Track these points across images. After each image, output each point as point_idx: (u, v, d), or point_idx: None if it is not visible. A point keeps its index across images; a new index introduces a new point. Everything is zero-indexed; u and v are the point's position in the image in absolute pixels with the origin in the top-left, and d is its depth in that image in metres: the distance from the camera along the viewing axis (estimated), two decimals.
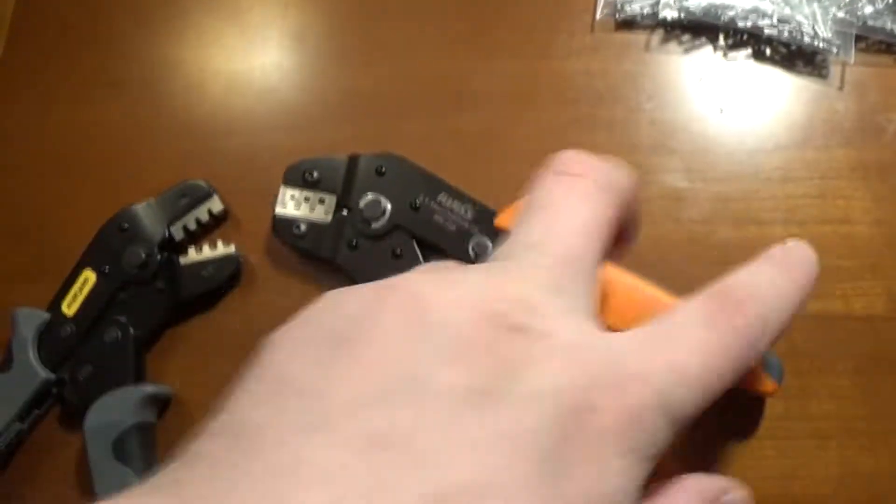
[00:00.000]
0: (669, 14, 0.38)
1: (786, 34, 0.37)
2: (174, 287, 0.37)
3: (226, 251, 0.38)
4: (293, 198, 0.37)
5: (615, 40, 0.39)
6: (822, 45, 0.37)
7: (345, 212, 0.36)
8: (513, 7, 0.41)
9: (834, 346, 0.34)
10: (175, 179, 0.39)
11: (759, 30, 0.38)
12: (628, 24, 0.39)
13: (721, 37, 0.39)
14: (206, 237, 0.39)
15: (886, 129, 0.37)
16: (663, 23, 0.39)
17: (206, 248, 0.38)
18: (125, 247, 0.38)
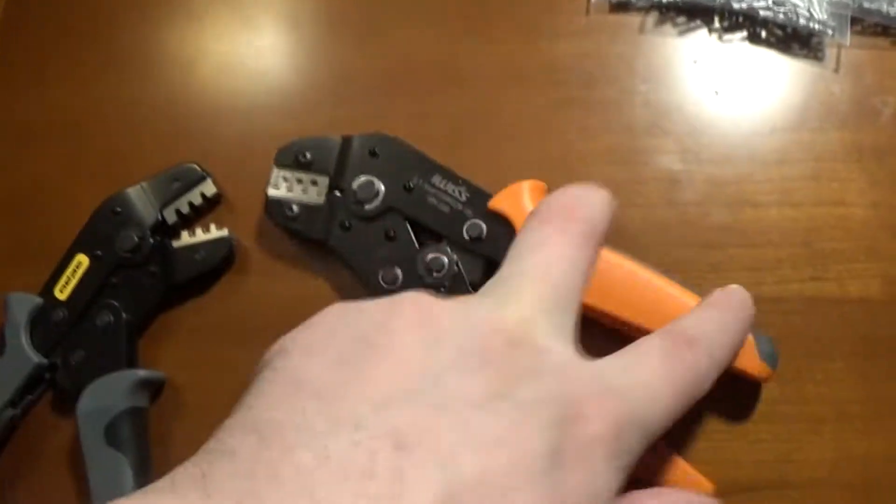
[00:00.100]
0: None
1: (781, 16, 0.37)
2: (167, 271, 0.37)
3: (219, 234, 0.37)
4: (285, 179, 0.36)
5: (610, 22, 0.39)
6: (817, 27, 0.37)
7: (338, 193, 0.36)
8: None
9: (829, 330, 0.34)
10: (169, 163, 0.39)
11: (755, 12, 0.37)
12: (623, 5, 0.39)
13: (716, 19, 0.38)
14: (199, 221, 0.39)
15: (882, 111, 0.37)
16: (658, 5, 0.39)
17: (198, 231, 0.38)
18: (118, 230, 0.37)
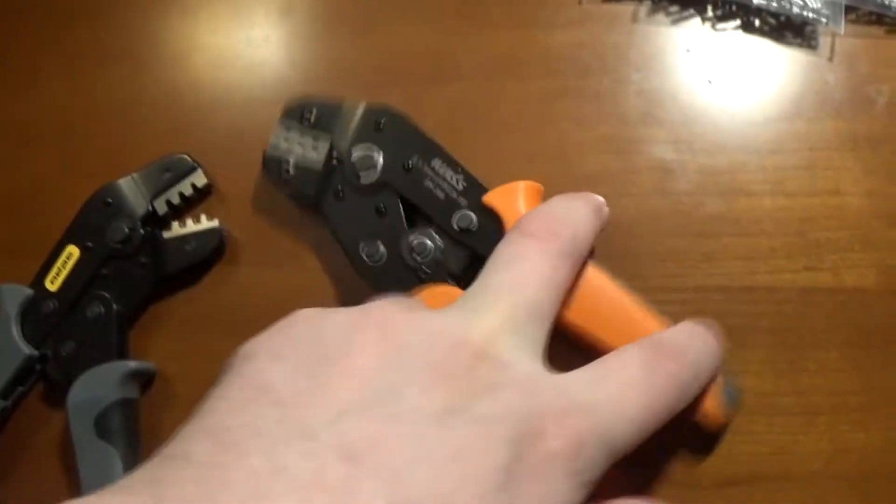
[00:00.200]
0: None
1: (775, 4, 0.37)
2: (157, 262, 0.37)
3: (209, 225, 0.37)
4: (286, 140, 0.36)
5: (603, 11, 0.39)
6: (811, 15, 0.37)
7: (336, 161, 0.35)
8: None
9: (824, 320, 0.34)
10: (160, 153, 0.38)
11: (748, 0, 0.37)
12: None
13: (709, 7, 0.38)
14: (190, 211, 0.39)
15: (877, 100, 0.36)
16: None
17: (189, 222, 0.38)
18: (108, 222, 0.37)
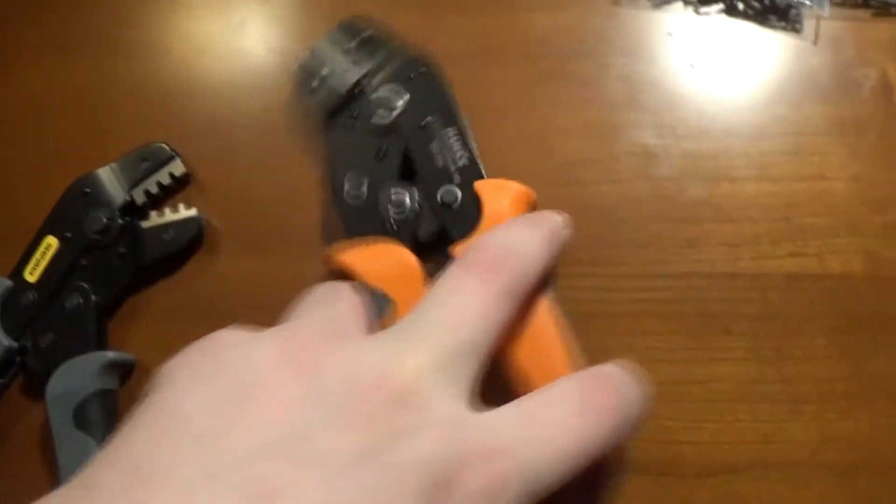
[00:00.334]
0: None
1: None
2: (136, 251, 0.37)
3: (187, 214, 0.37)
4: (329, 52, 0.36)
5: None
6: None
7: (359, 91, 0.35)
8: None
9: (809, 306, 0.34)
10: (138, 142, 0.38)
11: None
12: None
13: None
14: (168, 201, 0.38)
15: (862, 84, 0.36)
16: None
17: (167, 211, 0.37)
18: (87, 212, 0.37)
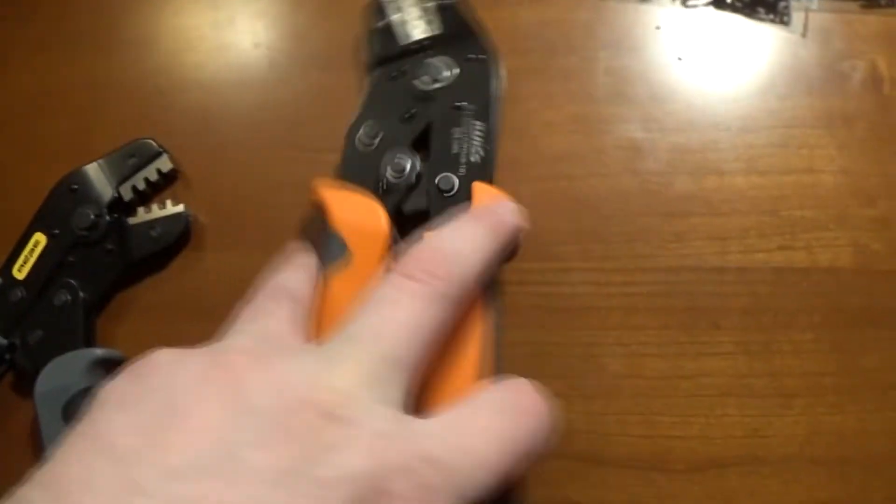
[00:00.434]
0: None
1: None
2: (124, 248, 0.37)
3: (175, 210, 0.37)
4: (405, 4, 0.36)
5: None
6: None
7: (414, 50, 0.35)
8: None
9: (798, 300, 0.33)
10: (126, 139, 0.38)
11: None
12: None
13: None
14: (156, 197, 0.38)
15: (851, 76, 0.36)
16: None
17: (155, 207, 0.37)
18: (74, 208, 0.37)
